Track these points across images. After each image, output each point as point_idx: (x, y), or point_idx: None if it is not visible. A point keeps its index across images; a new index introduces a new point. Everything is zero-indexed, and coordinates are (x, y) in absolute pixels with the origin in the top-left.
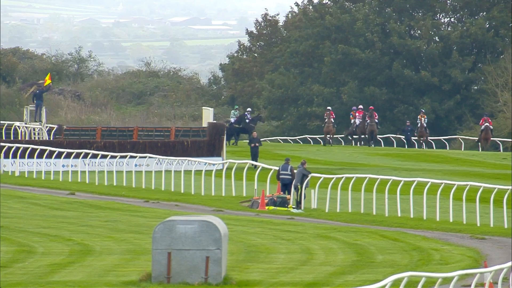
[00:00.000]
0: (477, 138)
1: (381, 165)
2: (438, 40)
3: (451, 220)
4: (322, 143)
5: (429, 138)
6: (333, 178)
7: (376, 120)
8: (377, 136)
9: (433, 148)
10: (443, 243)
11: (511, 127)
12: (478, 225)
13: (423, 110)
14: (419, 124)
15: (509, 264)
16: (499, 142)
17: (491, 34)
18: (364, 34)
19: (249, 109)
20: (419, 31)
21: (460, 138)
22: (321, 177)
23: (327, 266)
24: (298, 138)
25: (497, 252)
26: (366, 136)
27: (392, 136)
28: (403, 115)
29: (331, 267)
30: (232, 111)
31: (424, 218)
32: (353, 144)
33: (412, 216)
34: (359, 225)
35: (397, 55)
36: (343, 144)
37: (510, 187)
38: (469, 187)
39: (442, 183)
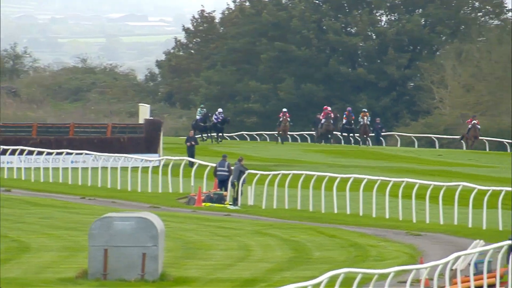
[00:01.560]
0: (460, 136)
1: (317, 162)
2: (374, 37)
3: (387, 217)
4: (279, 141)
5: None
6: (269, 174)
7: (332, 120)
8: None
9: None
10: (379, 240)
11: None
12: (414, 221)
13: (365, 110)
14: (361, 122)
15: (444, 260)
16: (434, 139)
17: (427, 31)
18: (300, 31)
19: (220, 109)
20: (355, 28)
21: (396, 134)
22: (257, 174)
23: (264, 262)
24: (235, 135)
25: (433, 248)
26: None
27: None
28: (340, 112)
29: (268, 264)
30: (199, 109)
31: (361, 214)
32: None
33: (348, 212)
34: (296, 221)
35: (334, 52)
36: (299, 141)
37: (445, 184)
38: (405, 184)
39: (378, 179)
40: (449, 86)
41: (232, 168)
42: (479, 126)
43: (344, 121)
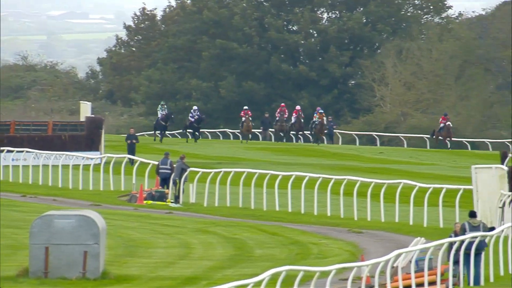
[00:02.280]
0: (431, 132)
1: (259, 160)
2: (316, 34)
3: (329, 214)
4: (241, 139)
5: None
6: (211, 172)
7: (286, 117)
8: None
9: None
10: (321, 237)
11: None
12: (356, 219)
13: (321, 111)
14: (317, 121)
15: (386, 257)
16: (376, 136)
17: (368, 28)
18: (242, 29)
19: (195, 107)
20: (297, 26)
21: (338, 132)
22: (199, 172)
23: (205, 260)
24: (176, 133)
25: (374, 246)
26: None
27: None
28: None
29: (210, 262)
30: (159, 106)
31: (302, 212)
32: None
33: (290, 210)
34: (238, 219)
35: (275, 50)
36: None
37: (386, 181)
38: (346, 181)
39: (320, 177)
40: (389, 84)
41: (174, 166)
42: (451, 125)
43: (293, 119)
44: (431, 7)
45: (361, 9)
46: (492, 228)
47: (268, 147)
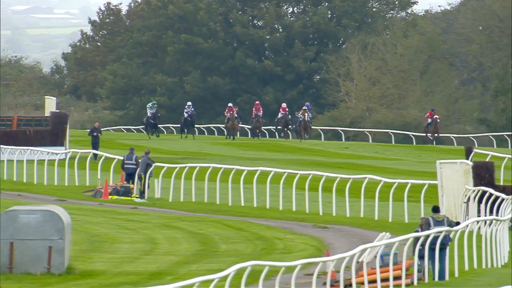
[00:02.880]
0: (424, 130)
1: (224, 155)
2: (281, 29)
3: (294, 209)
4: (226, 137)
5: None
6: (177, 167)
7: (261, 114)
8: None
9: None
10: (286, 232)
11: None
12: (321, 214)
13: (305, 107)
14: (301, 118)
15: (351, 252)
16: (341, 131)
17: (333, 23)
18: (207, 24)
19: (189, 103)
20: (262, 21)
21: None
22: (165, 167)
23: (171, 255)
24: (141, 128)
25: (339, 241)
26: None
27: (247, 128)
28: (246, 104)
29: (175, 257)
30: (149, 104)
31: (268, 207)
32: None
33: (255, 205)
34: (203, 214)
35: (240, 45)
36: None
37: (352, 176)
38: (312, 176)
39: (285, 172)
40: (355, 79)
41: (140, 161)
42: (438, 120)
43: (280, 115)
44: (396, 3)
45: (326, 4)
46: (457, 223)
47: (233, 142)
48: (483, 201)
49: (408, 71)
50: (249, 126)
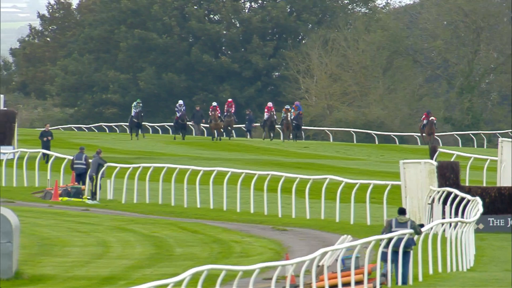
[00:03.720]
0: (420, 131)
1: (180, 154)
2: (238, 24)
3: (252, 211)
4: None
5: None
6: (130, 167)
7: (233, 111)
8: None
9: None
10: (244, 235)
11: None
12: (280, 216)
13: (287, 107)
14: (283, 117)
15: (311, 256)
16: (304, 131)
17: (293, 18)
18: (161, 18)
19: (180, 102)
20: (218, 15)
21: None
22: (117, 167)
23: (124, 259)
24: (93, 126)
25: (299, 244)
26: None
27: (190, 125)
28: (203, 103)
29: (128, 261)
30: (134, 103)
31: (225, 209)
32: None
33: (212, 207)
34: (158, 216)
35: (196, 40)
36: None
37: (312, 177)
38: (270, 177)
39: (243, 172)
40: (315, 76)
41: (90, 161)
42: (435, 121)
43: (265, 116)
44: None
45: None
46: (421, 225)
47: (189, 141)
48: (448, 203)
49: (370, 67)
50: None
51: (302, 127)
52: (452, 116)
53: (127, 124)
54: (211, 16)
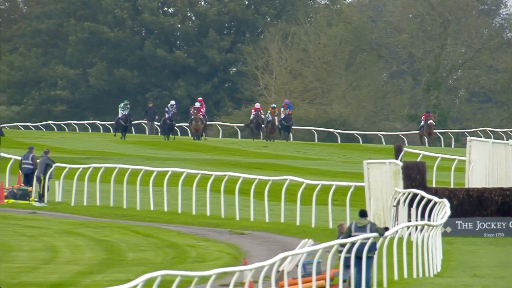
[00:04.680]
0: (418, 132)
1: (132, 154)
2: (194, 17)
3: (208, 214)
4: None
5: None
6: (80, 168)
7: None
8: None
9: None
10: (200, 239)
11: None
12: (238, 219)
13: (274, 106)
14: (269, 118)
15: (270, 261)
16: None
17: (251, 11)
18: (113, 11)
19: (172, 102)
20: (173, 8)
21: (218, 124)
22: (66, 167)
23: (73, 265)
24: (40, 125)
25: (257, 249)
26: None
27: (143, 123)
28: (156, 100)
29: (78, 266)
30: (121, 104)
31: (180, 211)
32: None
33: (166, 209)
34: (109, 219)
35: (149, 34)
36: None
37: (271, 178)
38: (228, 178)
39: (198, 173)
40: (274, 71)
41: (38, 161)
42: (433, 122)
43: (252, 116)
44: None
45: None
46: (386, 229)
47: (142, 140)
48: (414, 205)
49: (332, 63)
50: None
51: (293, 127)
52: (418, 114)
53: (113, 123)
54: (165, 8)
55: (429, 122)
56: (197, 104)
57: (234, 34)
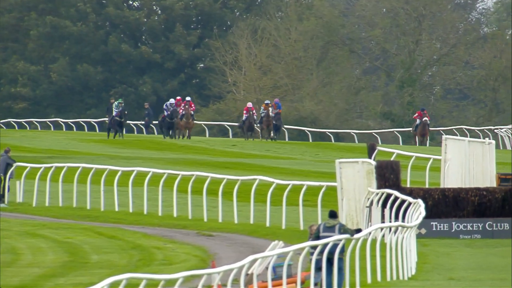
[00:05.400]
0: (413, 133)
1: (96, 153)
2: (160, 11)
3: (175, 215)
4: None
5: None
6: (41, 167)
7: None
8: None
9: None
10: (166, 241)
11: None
12: (206, 220)
13: (268, 102)
14: (263, 114)
15: (239, 264)
16: (228, 127)
17: (219, 5)
18: (75, 4)
19: (172, 100)
20: (138, 1)
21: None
22: (28, 167)
23: (34, 267)
24: (1, 123)
25: (226, 251)
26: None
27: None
28: (121, 97)
29: (40, 269)
30: (116, 102)
31: (145, 212)
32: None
33: (131, 210)
34: (72, 221)
35: (114, 29)
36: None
37: (240, 178)
38: (195, 178)
39: (165, 173)
40: (243, 67)
41: None
42: (428, 122)
43: (244, 117)
44: None
45: None
46: (359, 230)
47: (106, 139)
48: (388, 206)
49: (303, 59)
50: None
51: (284, 127)
52: (392, 111)
53: (107, 123)
54: (130, 2)
55: (423, 119)
56: (188, 98)
57: (202, 28)
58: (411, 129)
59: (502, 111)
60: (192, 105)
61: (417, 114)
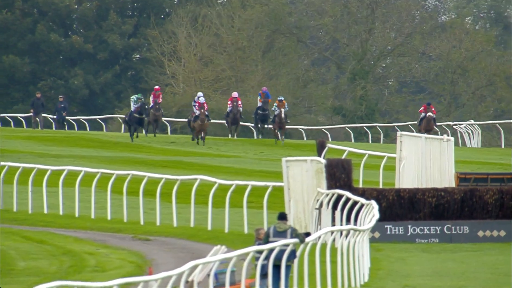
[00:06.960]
0: (418, 128)
1: (23, 151)
2: None
3: (109, 218)
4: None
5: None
6: None
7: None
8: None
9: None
10: (99, 246)
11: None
12: (142, 223)
13: (281, 98)
14: (276, 112)
15: (179, 270)
16: (166, 122)
17: None
18: None
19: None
20: None
21: (120, 117)
22: None
23: None
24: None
25: (164, 256)
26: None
27: (50, 117)
28: (50, 90)
29: None
30: (134, 97)
31: (77, 215)
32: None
33: (62, 213)
34: None
35: (42, 16)
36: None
37: (180, 177)
38: (131, 177)
39: (98, 172)
40: (182, 58)
41: None
42: (434, 116)
43: (228, 108)
44: None
45: None
46: (307, 234)
47: (34, 135)
48: (339, 207)
49: (248, 49)
50: (55, 117)
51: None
52: (343, 106)
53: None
54: None
55: (428, 114)
56: (202, 100)
57: (138, 16)
58: (416, 122)
59: (461, 105)
60: (206, 105)
61: (422, 107)
